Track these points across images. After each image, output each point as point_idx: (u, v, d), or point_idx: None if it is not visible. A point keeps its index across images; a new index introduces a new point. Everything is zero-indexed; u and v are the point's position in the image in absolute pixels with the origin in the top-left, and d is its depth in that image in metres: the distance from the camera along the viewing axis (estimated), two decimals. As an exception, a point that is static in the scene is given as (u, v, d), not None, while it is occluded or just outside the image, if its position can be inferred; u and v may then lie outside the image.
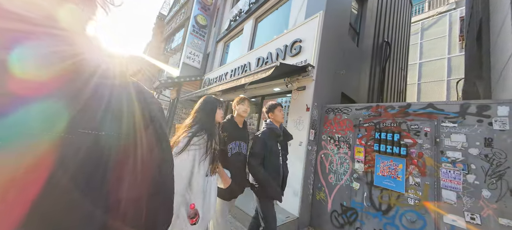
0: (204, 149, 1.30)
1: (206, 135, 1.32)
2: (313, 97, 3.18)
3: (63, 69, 0.32)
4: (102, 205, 0.34)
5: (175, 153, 1.20)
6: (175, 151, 1.21)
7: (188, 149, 1.22)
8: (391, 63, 6.95)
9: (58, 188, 0.29)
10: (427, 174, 2.12)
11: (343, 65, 3.99)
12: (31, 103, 0.28)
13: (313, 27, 3.56)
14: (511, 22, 1.88)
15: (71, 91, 0.32)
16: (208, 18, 9.18)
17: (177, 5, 12.67)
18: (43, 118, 0.29)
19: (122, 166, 0.37)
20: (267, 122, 1.92)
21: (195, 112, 1.43)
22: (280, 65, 2.77)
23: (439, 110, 2.18)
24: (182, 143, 1.23)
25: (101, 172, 0.34)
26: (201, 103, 1.47)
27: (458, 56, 12.79)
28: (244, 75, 3.47)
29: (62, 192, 0.29)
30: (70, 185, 0.30)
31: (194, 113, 1.43)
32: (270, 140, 1.80)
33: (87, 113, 0.33)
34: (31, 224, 0.27)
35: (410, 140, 2.29)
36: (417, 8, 16.78)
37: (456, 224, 1.87)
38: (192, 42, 8.62)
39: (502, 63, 2.21)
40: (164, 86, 8.32)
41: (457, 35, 12.99)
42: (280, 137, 1.89)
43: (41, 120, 0.29)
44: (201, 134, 1.31)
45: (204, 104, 1.46)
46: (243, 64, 5.43)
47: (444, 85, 13.10)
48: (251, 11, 5.99)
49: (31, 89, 0.28)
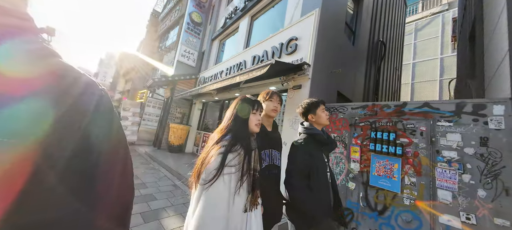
0: (240, 172, 0.90)
1: (242, 150, 0.94)
2: (309, 96, 3.14)
3: (51, 66, 0.32)
4: (88, 202, 0.35)
5: (205, 179, 0.85)
6: (205, 177, 0.86)
7: (222, 173, 0.85)
8: (386, 63, 7.00)
9: (43, 183, 0.29)
10: (423, 173, 2.11)
11: (339, 64, 3.96)
12: (16, 102, 0.28)
13: (309, 24, 3.51)
14: (506, 21, 1.88)
15: (59, 89, 0.32)
16: (203, 16, 9.03)
17: (171, 2, 12.43)
18: (28, 117, 0.28)
19: (110, 166, 0.39)
20: (305, 125, 1.42)
21: (229, 117, 1.05)
22: (275, 63, 2.71)
23: (434, 109, 2.17)
24: (215, 163, 0.86)
25: (89, 171, 0.35)
26: (238, 105, 1.07)
27: (450, 56, 13.06)
28: (239, 74, 3.39)
29: (48, 188, 0.30)
30: (56, 181, 0.30)
31: (228, 119, 1.05)
32: (315, 150, 1.32)
33: (76, 114, 0.33)
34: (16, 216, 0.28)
35: (406, 139, 2.27)
36: (411, 9, 17.04)
37: (452, 224, 1.85)
38: (186, 40, 8.46)
39: (497, 62, 2.21)
40: (157, 85, 8.14)
41: (449, 35, 13.25)
42: (327, 146, 1.41)
43: (25, 119, 0.28)
44: (236, 148, 0.93)
45: (241, 106, 1.06)
46: (238, 63, 5.34)
47: (437, 85, 13.36)
48: (246, 9, 5.90)
49: (17, 87, 0.28)
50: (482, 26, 3.15)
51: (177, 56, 8.17)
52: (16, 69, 0.29)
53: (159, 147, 7.00)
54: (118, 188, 0.41)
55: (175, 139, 6.47)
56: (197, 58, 8.60)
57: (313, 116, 1.41)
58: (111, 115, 0.41)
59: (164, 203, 2.85)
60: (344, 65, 4.19)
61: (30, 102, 0.29)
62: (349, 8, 4.89)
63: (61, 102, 0.31)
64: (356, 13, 5.21)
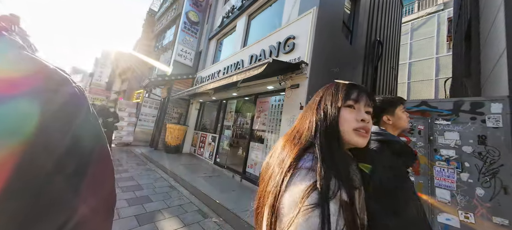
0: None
1: (341, 190, 0.42)
2: (307, 95, 3.11)
3: (39, 65, 0.32)
4: (77, 194, 0.35)
5: None
6: None
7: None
8: (383, 62, 7.03)
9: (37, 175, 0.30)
10: (421, 172, 2.10)
11: (337, 63, 3.95)
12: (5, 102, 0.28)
13: (306, 23, 3.49)
14: (503, 19, 1.88)
15: (48, 90, 0.31)
16: (200, 15, 8.95)
17: (168, 1, 12.31)
18: (13, 119, 0.28)
19: (101, 166, 0.40)
20: (379, 131, 0.95)
21: (311, 119, 0.56)
22: (272, 61, 2.68)
23: (432, 108, 2.16)
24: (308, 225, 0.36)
25: (81, 166, 0.35)
26: (329, 93, 0.58)
27: (446, 56, 13.22)
28: (236, 73, 3.35)
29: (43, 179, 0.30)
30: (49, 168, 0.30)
31: (310, 120, 0.56)
32: (395, 163, 0.88)
33: (65, 115, 0.33)
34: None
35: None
36: (407, 9, 17.20)
37: (450, 223, 1.84)
38: (183, 39, 8.37)
39: (494, 60, 2.22)
40: (154, 85, 8.03)
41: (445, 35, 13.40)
42: (405, 158, 0.95)
43: (10, 121, 0.28)
44: (334, 190, 0.41)
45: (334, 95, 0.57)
46: (236, 62, 5.30)
47: (433, 84, 13.51)
48: (244, 8, 5.86)
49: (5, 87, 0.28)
50: (478, 25, 3.17)
51: (174, 55, 8.07)
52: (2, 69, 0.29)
53: (156, 147, 6.91)
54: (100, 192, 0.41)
55: (172, 139, 6.40)
56: (194, 58, 8.51)
57: (389, 117, 1.02)
58: (84, 114, 0.39)
59: (160, 205, 2.79)
60: (341, 64, 4.18)
61: (15, 105, 0.28)
62: (346, 7, 4.89)
63: (51, 104, 0.32)
64: (353, 12, 5.21)
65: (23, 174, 0.28)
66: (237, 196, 3.23)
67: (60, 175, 0.32)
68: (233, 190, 3.48)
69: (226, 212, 2.67)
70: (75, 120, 0.34)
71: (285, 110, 3.39)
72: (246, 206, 2.83)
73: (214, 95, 5.78)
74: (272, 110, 4.06)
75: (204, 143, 6.20)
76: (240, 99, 5.33)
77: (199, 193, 3.26)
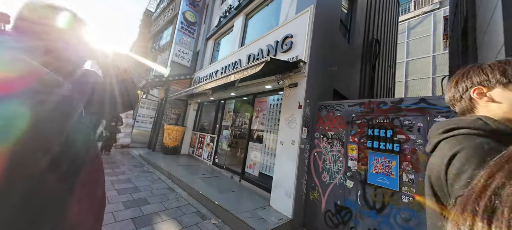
0: None
1: None
2: (305, 94, 3.09)
3: (31, 67, 0.31)
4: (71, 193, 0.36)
5: None
6: None
7: None
8: (380, 61, 7.05)
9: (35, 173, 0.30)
10: (421, 170, 2.08)
11: (335, 61, 3.94)
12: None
13: (304, 21, 3.47)
14: (501, 14, 1.87)
15: (41, 91, 0.31)
16: (197, 15, 8.90)
17: (164, 1, 12.22)
18: (4, 119, 0.28)
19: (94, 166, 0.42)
20: (482, 117, 0.55)
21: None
22: (270, 60, 2.65)
23: (431, 105, 2.15)
24: None
25: (77, 165, 0.36)
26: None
27: (442, 54, 13.32)
28: (233, 72, 3.32)
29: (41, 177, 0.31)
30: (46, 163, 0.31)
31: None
32: None
33: (59, 118, 0.33)
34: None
35: (403, 136, 2.25)
36: (404, 8, 17.32)
37: (451, 221, 1.83)
38: (181, 39, 8.32)
39: (491, 57, 2.22)
40: (151, 86, 7.97)
41: (441, 34, 13.51)
42: None
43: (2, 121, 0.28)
44: None
45: None
46: (233, 62, 5.26)
47: (430, 82, 13.61)
48: (241, 7, 5.83)
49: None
50: (475, 21, 3.18)
51: (171, 56, 8.01)
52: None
53: (153, 149, 6.84)
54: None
55: (170, 141, 6.34)
56: (192, 58, 8.46)
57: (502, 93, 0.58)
58: (77, 116, 0.39)
59: (157, 207, 2.75)
60: (339, 63, 4.17)
61: (7, 104, 0.29)
62: (344, 7, 4.89)
63: (44, 106, 0.32)
64: (350, 11, 5.21)
65: (16, 172, 0.29)
66: (236, 197, 3.19)
67: (54, 174, 0.32)
68: (232, 191, 3.44)
69: (225, 213, 2.63)
70: (69, 120, 0.35)
71: (283, 110, 3.37)
72: (245, 207, 2.79)
73: (212, 95, 5.73)
74: (270, 110, 4.03)
75: (202, 143, 6.15)
76: (238, 99, 5.29)
77: (197, 194, 3.22)
